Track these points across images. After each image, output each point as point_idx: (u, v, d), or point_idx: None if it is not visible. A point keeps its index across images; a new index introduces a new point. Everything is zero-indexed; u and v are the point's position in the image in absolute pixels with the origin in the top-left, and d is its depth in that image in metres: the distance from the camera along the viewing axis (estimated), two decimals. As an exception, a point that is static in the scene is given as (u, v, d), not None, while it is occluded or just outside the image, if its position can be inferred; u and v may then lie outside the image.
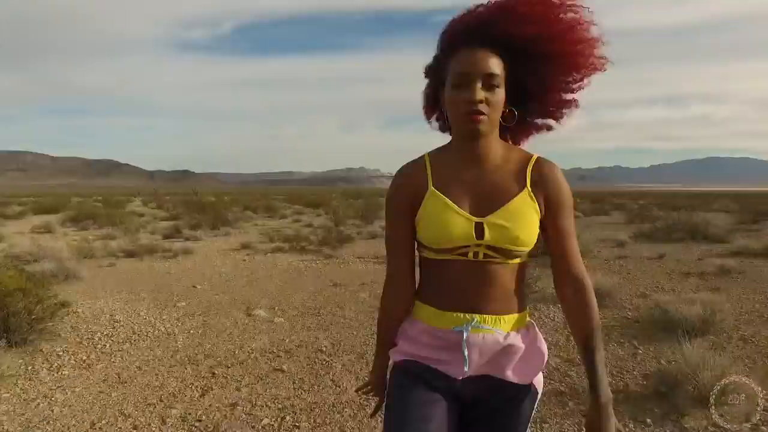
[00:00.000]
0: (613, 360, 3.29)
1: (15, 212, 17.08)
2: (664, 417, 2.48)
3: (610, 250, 8.40)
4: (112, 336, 3.95)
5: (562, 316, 4.31)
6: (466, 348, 1.04)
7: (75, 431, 2.48)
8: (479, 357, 1.05)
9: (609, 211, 18.20)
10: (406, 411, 1.08)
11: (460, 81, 1.03)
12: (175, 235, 11.10)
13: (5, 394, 2.85)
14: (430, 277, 1.12)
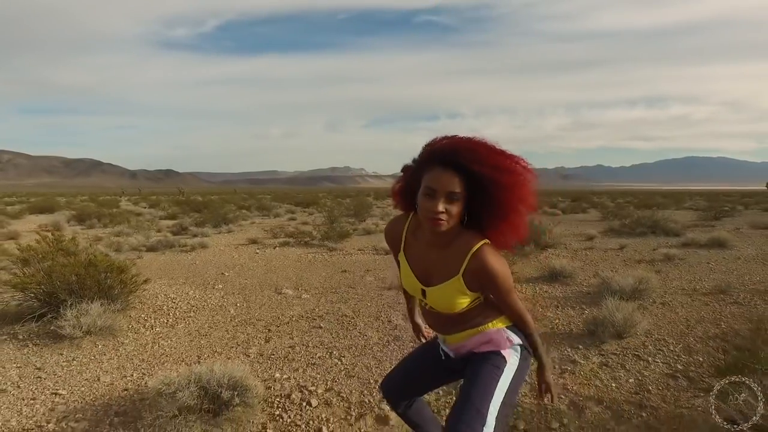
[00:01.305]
0: (566, 318, 4.54)
1: (15, 211, 17.82)
2: (592, 344, 3.73)
3: (579, 243, 9.74)
4: (176, 308, 5.07)
5: (531, 291, 5.57)
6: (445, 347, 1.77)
7: (188, 360, 3.63)
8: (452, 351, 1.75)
9: (586, 209, 19.76)
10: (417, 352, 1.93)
11: (429, 192, 1.46)
12: (182, 232, 12.15)
13: (125, 341, 3.99)
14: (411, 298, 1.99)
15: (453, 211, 1.45)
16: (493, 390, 1.55)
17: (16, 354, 3.67)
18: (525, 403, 2.82)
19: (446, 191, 1.44)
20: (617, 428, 2.52)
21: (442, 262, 1.57)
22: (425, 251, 1.63)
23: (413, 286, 1.68)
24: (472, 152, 1.43)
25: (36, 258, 4.44)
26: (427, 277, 1.63)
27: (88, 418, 2.68)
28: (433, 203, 1.45)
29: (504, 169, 1.44)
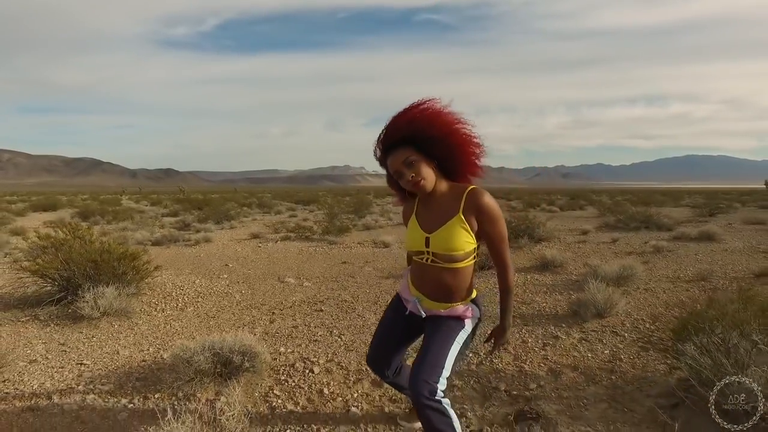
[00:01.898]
0: (553, 301, 4.83)
1: (19, 209, 18.15)
2: (574, 323, 4.03)
3: (573, 237, 10.04)
4: (184, 294, 5.38)
5: (522, 280, 5.87)
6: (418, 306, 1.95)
7: (200, 337, 3.94)
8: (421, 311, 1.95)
9: (584, 207, 20.07)
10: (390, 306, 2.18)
11: (396, 176, 1.81)
12: (185, 229, 12.47)
13: (139, 322, 4.30)
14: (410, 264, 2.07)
15: (421, 171, 1.77)
16: (449, 348, 1.84)
17: (40, 332, 3.98)
18: (508, 369, 3.13)
19: (403, 165, 1.76)
20: (587, 388, 2.82)
21: (442, 209, 1.82)
22: (429, 209, 1.88)
23: (416, 238, 1.87)
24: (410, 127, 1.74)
25: (54, 245, 4.74)
26: (431, 225, 1.84)
27: (112, 382, 2.99)
28: (404, 179, 1.78)
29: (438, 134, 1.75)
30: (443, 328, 1.89)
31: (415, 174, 1.76)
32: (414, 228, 1.90)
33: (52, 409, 2.65)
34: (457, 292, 1.88)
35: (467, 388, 2.89)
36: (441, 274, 1.85)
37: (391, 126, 1.78)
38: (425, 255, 1.86)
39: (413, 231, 1.90)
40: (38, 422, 2.51)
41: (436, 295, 1.90)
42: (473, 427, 2.43)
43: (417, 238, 1.87)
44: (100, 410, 2.65)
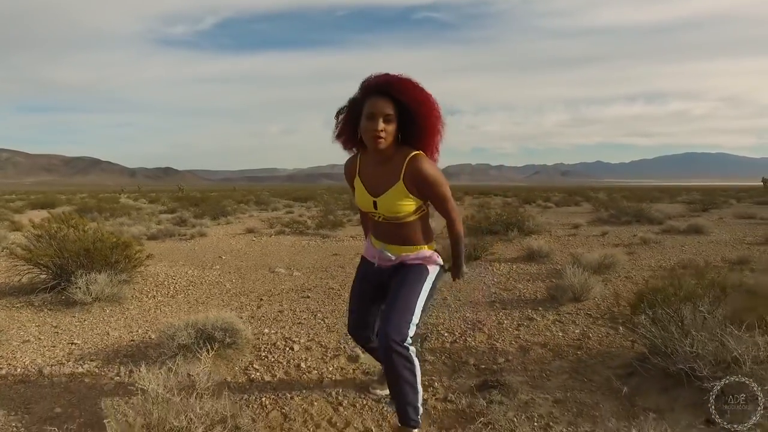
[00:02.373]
0: (534, 288, 4.97)
1: (18, 206, 18.31)
2: (551, 307, 4.17)
3: (564, 230, 10.18)
4: (175, 283, 5.53)
5: (507, 269, 6.01)
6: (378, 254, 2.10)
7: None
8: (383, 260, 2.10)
9: (579, 203, 20.21)
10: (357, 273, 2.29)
11: (370, 116, 1.84)
12: (181, 224, 12.60)
13: (130, 307, 4.45)
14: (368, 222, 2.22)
15: (389, 129, 1.85)
16: (418, 294, 1.99)
17: (34, 317, 4.13)
18: (480, 346, 3.27)
19: (383, 113, 1.84)
20: (553, 362, 2.97)
21: (387, 174, 1.94)
22: (373, 170, 1.99)
23: (366, 201, 2.02)
24: (402, 86, 1.84)
25: (48, 234, 4.89)
26: (376, 189, 1.98)
27: (101, 359, 3.13)
28: (373, 123, 1.84)
29: (421, 101, 1.86)
30: (410, 276, 2.03)
31: (384, 130, 1.84)
32: (361, 191, 2.03)
33: (42, 382, 2.81)
34: (415, 238, 2.06)
35: (438, 362, 3.03)
36: (395, 228, 2.03)
37: (384, 77, 1.86)
38: (376, 214, 2.03)
39: (361, 194, 2.03)
40: (29, 393, 2.66)
41: (398, 243, 2.06)
42: (439, 395, 2.57)
43: (366, 201, 2.02)
44: (87, 382, 2.80)
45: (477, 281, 5.40)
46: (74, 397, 2.61)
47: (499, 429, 2.19)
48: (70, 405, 2.52)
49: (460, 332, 3.59)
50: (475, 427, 2.20)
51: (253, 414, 2.39)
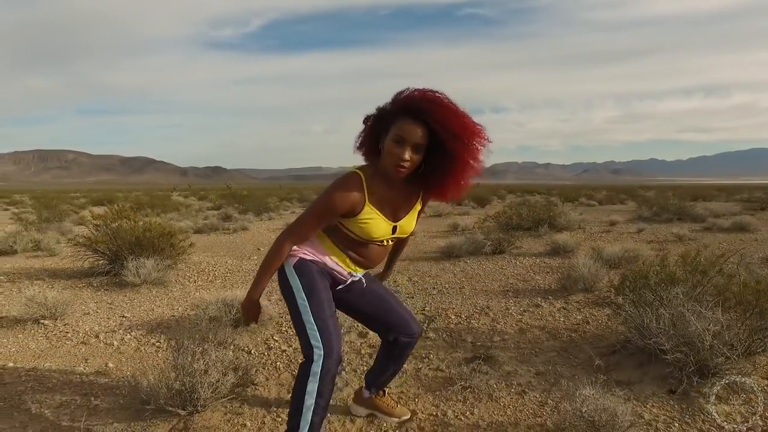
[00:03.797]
0: (550, 280, 5.16)
1: (82, 203, 19.88)
2: (561, 296, 4.38)
3: (600, 227, 10.15)
4: (215, 271, 6.07)
5: (530, 262, 6.20)
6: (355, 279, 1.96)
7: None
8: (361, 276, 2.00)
9: (624, 201, 19.74)
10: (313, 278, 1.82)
11: (399, 140, 1.64)
12: (226, 219, 13.39)
13: (173, 289, 5.00)
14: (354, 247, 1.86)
15: (415, 159, 1.68)
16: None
17: (93, 295, 4.74)
18: (482, 328, 3.55)
19: (413, 142, 1.64)
20: (546, 343, 3.22)
21: (403, 197, 1.84)
22: (386, 193, 1.80)
23: (384, 230, 1.83)
24: (441, 115, 1.61)
25: (105, 223, 5.54)
26: (397, 214, 1.85)
27: (144, 328, 3.65)
28: (401, 150, 1.64)
29: (461, 139, 1.63)
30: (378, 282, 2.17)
31: (410, 160, 1.67)
32: (380, 221, 1.81)
33: (98, 344, 3.34)
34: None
35: (439, 339, 3.34)
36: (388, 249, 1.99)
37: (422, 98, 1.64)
38: (387, 239, 1.89)
39: (380, 225, 1.81)
40: (88, 351, 3.19)
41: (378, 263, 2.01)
42: (432, 365, 2.89)
43: (384, 230, 1.84)
44: (134, 346, 3.30)
45: (497, 273, 5.64)
46: (123, 356, 3.11)
47: (478, 392, 2.49)
48: (119, 361, 3.02)
49: (466, 315, 3.88)
50: (454, 389, 2.51)
51: (267, 374, 2.79)
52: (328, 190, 1.74)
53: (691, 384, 2.31)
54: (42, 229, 8.88)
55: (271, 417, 2.28)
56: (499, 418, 2.25)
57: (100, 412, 2.34)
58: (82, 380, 2.73)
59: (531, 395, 2.46)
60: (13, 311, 4.04)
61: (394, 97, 1.69)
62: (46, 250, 7.33)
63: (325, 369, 1.70)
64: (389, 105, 1.70)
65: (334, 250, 1.88)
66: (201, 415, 2.24)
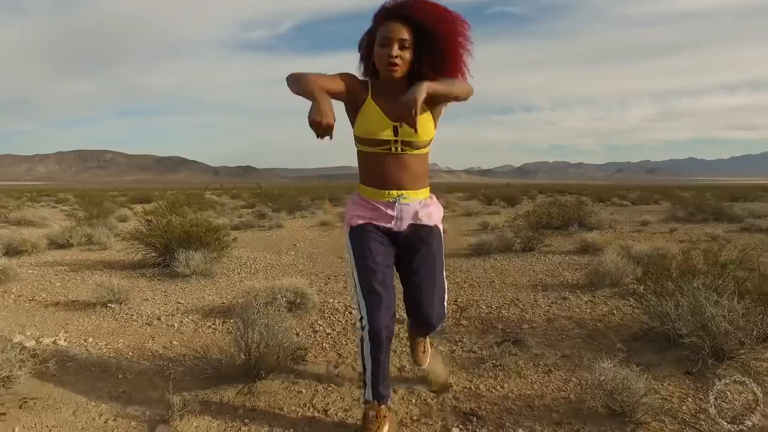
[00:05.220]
0: (578, 276, 5.34)
1: (121, 201, 20.83)
2: (588, 290, 4.57)
3: (631, 227, 10.18)
4: (256, 264, 6.47)
5: (559, 260, 6.38)
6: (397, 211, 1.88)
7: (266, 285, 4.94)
8: (404, 217, 1.91)
9: (660, 201, 19.45)
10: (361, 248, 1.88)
11: (384, 42, 1.74)
12: (261, 217, 13.90)
13: (219, 280, 5.40)
14: (368, 168, 1.89)
15: (405, 56, 1.76)
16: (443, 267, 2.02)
17: (147, 284, 5.19)
18: (512, 317, 3.80)
19: (398, 38, 1.73)
20: (572, 330, 3.44)
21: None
22: (389, 97, 1.82)
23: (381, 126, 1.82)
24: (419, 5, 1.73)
25: (156, 219, 6.00)
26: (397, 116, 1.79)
27: (200, 313, 4.04)
28: (388, 49, 1.74)
29: (444, 19, 1.75)
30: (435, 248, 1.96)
31: (399, 56, 1.75)
32: (379, 117, 1.83)
33: (161, 325, 3.73)
34: (426, 177, 1.96)
35: (471, 326, 3.61)
36: (410, 162, 1.88)
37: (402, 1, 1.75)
38: (392, 145, 1.84)
39: (379, 121, 1.82)
40: (152, 331, 3.59)
41: (414, 184, 1.91)
42: (465, 348, 3.16)
43: (384, 128, 1.82)
44: (192, 327, 3.69)
45: (527, 269, 5.85)
46: (184, 336, 3.49)
47: (507, 370, 2.75)
48: (182, 340, 3.40)
49: (496, 306, 4.13)
50: (486, 366, 2.78)
51: (315, 353, 3.11)
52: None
53: (706, 366, 2.52)
54: (93, 224, 9.49)
55: (322, 386, 2.60)
56: (526, 391, 2.51)
57: (174, 379, 2.70)
58: (153, 354, 3.12)
59: (557, 374, 2.71)
60: (82, 296, 4.50)
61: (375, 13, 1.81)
62: (98, 244, 7.90)
63: (369, 338, 1.86)
64: (372, 21, 1.83)
65: (362, 187, 1.96)
66: (262, 382, 2.57)
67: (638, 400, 2.07)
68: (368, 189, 1.92)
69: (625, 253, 5.89)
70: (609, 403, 2.12)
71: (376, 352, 1.91)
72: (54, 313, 4.03)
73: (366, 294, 1.86)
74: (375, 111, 1.83)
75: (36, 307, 4.21)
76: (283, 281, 4.06)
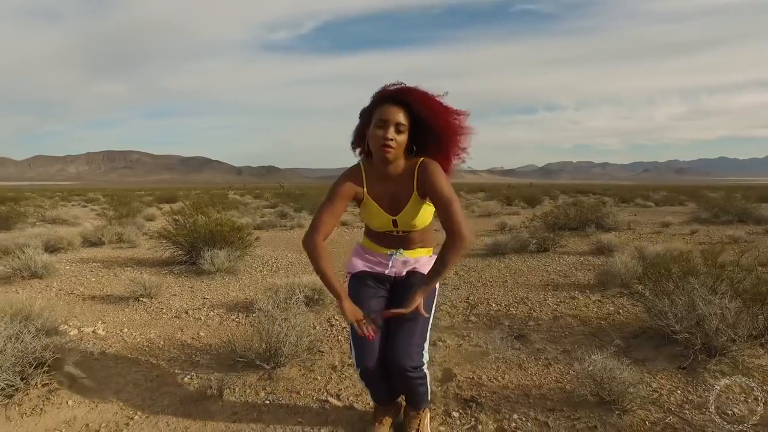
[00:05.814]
0: (590, 276, 5.48)
1: (148, 201, 21.54)
2: (597, 290, 4.72)
3: (651, 228, 10.18)
4: (277, 263, 6.77)
5: (573, 260, 6.50)
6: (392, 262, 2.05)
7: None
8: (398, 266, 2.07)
9: (685, 202, 19.20)
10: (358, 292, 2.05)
11: (380, 124, 1.80)
12: (283, 217, 14.27)
13: (243, 277, 5.71)
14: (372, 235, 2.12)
15: (399, 139, 1.82)
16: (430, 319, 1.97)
17: (175, 281, 5.52)
18: (519, 315, 3.98)
19: (395, 122, 1.80)
20: (576, 328, 3.61)
21: (400, 187, 1.92)
22: (384, 186, 1.94)
23: (384, 221, 1.98)
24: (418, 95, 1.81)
25: (183, 217, 6.34)
26: (395, 207, 1.96)
27: (224, 307, 4.33)
28: (383, 131, 1.80)
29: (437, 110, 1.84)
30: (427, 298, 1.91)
31: (394, 139, 1.81)
32: (377, 212, 1.98)
33: (188, 318, 4.04)
34: (428, 240, 2.14)
35: (480, 323, 3.81)
36: (411, 237, 2.07)
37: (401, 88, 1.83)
38: (394, 231, 2.04)
39: (378, 215, 1.98)
40: (182, 324, 3.89)
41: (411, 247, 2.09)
42: (472, 342, 3.36)
43: (384, 221, 1.99)
44: (218, 320, 3.98)
45: (540, 269, 6.00)
46: (210, 328, 3.78)
47: (509, 363, 2.95)
48: (208, 331, 3.69)
49: (506, 304, 4.31)
50: (489, 359, 2.99)
51: (330, 345, 3.36)
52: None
53: (698, 361, 2.68)
54: (122, 223, 9.96)
55: (336, 374, 2.84)
56: (525, 382, 2.71)
57: (202, 366, 2.98)
58: (182, 343, 3.41)
59: (556, 367, 2.90)
60: (116, 291, 4.86)
61: (375, 93, 1.87)
62: (128, 242, 8.32)
63: (363, 377, 1.96)
64: (371, 100, 1.88)
65: (365, 240, 2.18)
66: (282, 369, 2.83)
67: (625, 390, 2.25)
68: (371, 244, 2.15)
69: (638, 254, 6.00)
70: (598, 392, 2.31)
71: (370, 386, 2.05)
72: (91, 306, 4.38)
73: (356, 340, 1.92)
74: (374, 208, 1.98)
75: (75, 300, 4.57)
76: (302, 278, 4.31)
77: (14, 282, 5.23)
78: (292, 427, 2.27)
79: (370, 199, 1.96)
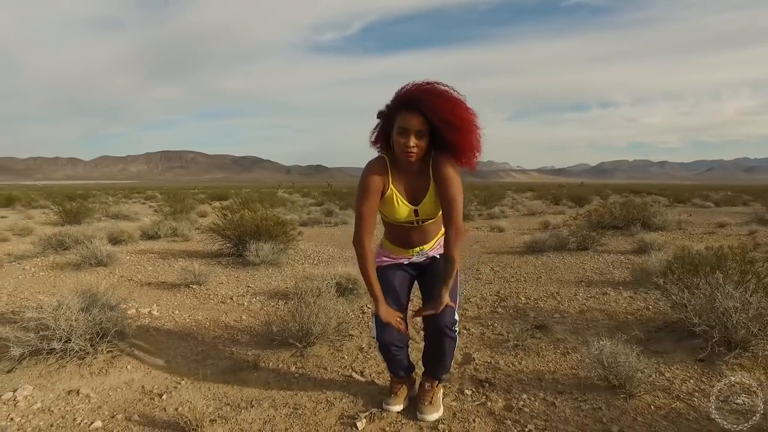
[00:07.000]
0: (627, 274, 5.47)
1: (201, 199, 22.65)
2: (631, 288, 4.73)
3: (705, 229, 9.84)
4: (319, 256, 7.10)
5: (613, 259, 6.47)
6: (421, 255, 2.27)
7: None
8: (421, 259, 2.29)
9: (748, 202, 18.21)
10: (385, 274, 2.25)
11: (401, 132, 1.97)
12: (329, 215, 14.72)
13: (285, 269, 6.06)
14: (392, 233, 2.29)
15: (421, 144, 2.00)
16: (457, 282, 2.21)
17: (222, 271, 5.94)
18: (546, 308, 4.09)
19: (415, 129, 1.95)
20: (601, 321, 3.69)
21: (420, 180, 2.13)
22: (407, 179, 2.14)
23: (406, 211, 2.15)
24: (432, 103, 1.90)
25: (231, 212, 6.79)
26: (415, 198, 2.15)
27: (265, 294, 4.68)
28: (406, 140, 1.97)
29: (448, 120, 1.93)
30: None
31: (416, 146, 1.97)
32: (401, 203, 2.15)
33: (232, 304, 4.40)
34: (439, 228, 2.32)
35: (506, 314, 3.95)
36: (429, 228, 2.26)
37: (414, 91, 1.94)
38: (414, 221, 2.20)
39: (401, 206, 2.15)
40: (226, 308, 4.25)
41: (430, 239, 2.30)
42: (495, 331, 3.52)
43: (406, 211, 2.16)
44: (259, 306, 4.31)
45: (577, 266, 6.02)
46: (252, 312, 4.12)
47: (528, 350, 3.10)
48: (250, 315, 4.03)
49: (535, 298, 4.42)
50: (508, 345, 3.14)
51: (360, 329, 3.61)
52: (362, 173, 2.13)
53: (715, 353, 2.73)
54: (177, 219, 10.64)
55: (362, 355, 3.08)
56: (540, 367, 2.85)
57: (242, 343, 3.30)
58: (226, 325, 3.76)
59: (573, 356, 3.02)
60: (169, 278, 5.31)
61: (395, 95, 1.99)
62: (181, 236, 8.92)
63: (381, 350, 2.24)
64: (391, 102, 2.01)
65: (386, 242, 2.36)
66: (312, 348, 3.10)
67: (631, 375, 2.36)
68: (392, 246, 2.33)
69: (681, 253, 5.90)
70: (606, 376, 2.43)
71: (388, 357, 2.29)
72: (148, 291, 4.84)
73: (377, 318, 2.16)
74: (398, 199, 2.14)
75: (134, 286, 5.06)
76: (338, 269, 4.59)
77: (83, 268, 5.80)
78: (317, 395, 2.53)
79: (394, 190, 2.13)
